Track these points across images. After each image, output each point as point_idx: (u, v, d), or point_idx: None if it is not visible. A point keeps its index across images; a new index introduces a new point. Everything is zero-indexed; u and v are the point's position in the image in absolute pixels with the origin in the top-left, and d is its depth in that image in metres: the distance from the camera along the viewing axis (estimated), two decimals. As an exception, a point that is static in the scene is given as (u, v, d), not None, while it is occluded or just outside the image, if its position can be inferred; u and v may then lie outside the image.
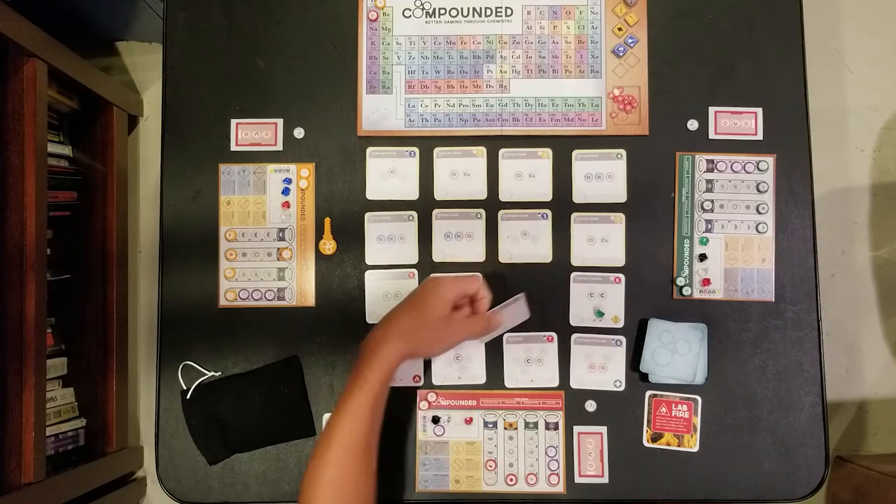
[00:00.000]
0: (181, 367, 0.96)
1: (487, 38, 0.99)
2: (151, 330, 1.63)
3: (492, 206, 0.97)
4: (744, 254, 0.96)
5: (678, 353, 0.92)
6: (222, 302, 0.97)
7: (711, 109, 0.97)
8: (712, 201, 0.96)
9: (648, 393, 0.94)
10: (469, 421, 0.95)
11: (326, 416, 0.95)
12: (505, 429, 0.95)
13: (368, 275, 0.97)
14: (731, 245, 0.96)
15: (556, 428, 0.95)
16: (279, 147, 0.99)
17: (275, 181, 0.98)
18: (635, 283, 0.96)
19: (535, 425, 0.95)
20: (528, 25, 0.99)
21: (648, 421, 0.94)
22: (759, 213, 0.96)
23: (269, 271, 0.98)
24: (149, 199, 1.69)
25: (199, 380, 0.96)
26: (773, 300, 0.95)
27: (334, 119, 0.99)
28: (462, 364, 0.96)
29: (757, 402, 0.94)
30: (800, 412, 0.94)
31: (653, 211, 0.97)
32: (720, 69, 0.98)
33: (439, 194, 0.98)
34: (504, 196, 0.97)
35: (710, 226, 0.96)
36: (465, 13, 1.00)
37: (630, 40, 0.99)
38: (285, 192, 0.98)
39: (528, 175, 0.97)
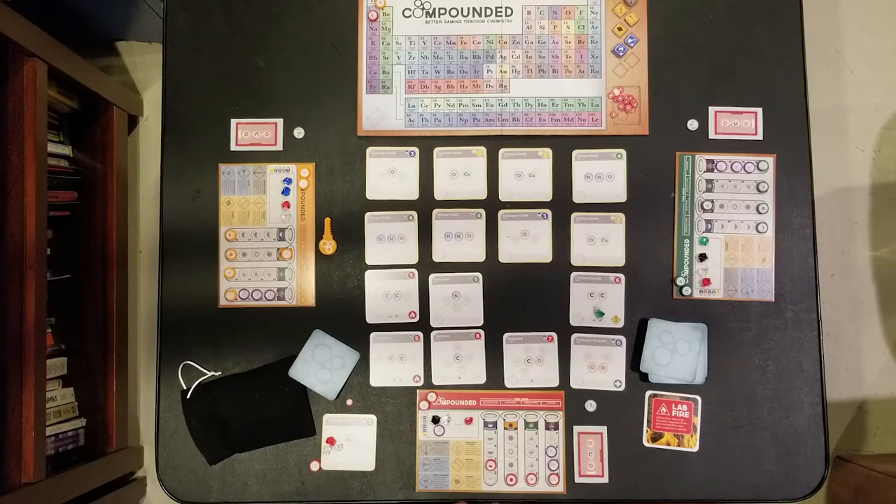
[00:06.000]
0: (181, 366, 0.96)
1: (487, 38, 0.99)
2: (151, 330, 1.63)
3: (492, 206, 0.97)
4: (744, 254, 0.96)
5: (678, 353, 0.92)
6: (222, 302, 0.97)
7: (711, 109, 0.97)
8: (712, 201, 0.96)
9: (648, 393, 0.94)
10: (469, 421, 0.95)
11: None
12: (505, 429, 0.95)
13: (368, 275, 0.97)
14: (731, 245, 0.96)
15: (556, 428, 0.95)
16: (279, 147, 0.99)
17: (275, 181, 0.98)
18: (635, 283, 0.96)
19: (535, 425, 0.95)
20: (528, 25, 0.99)
21: (648, 421, 0.94)
22: (759, 212, 0.96)
23: (269, 271, 0.98)
24: (149, 199, 1.69)
25: (199, 380, 0.96)
26: (773, 300, 0.95)
27: (334, 119, 0.99)
28: (462, 364, 0.96)
29: (757, 402, 0.94)
30: (800, 412, 0.94)
31: (653, 211, 0.97)
32: (720, 69, 0.98)
33: (439, 194, 0.98)
34: (504, 196, 0.97)
35: (710, 226, 0.96)
36: (465, 13, 1.00)
37: (630, 40, 0.99)
38: (285, 192, 0.98)
39: (528, 175, 0.97)
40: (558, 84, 0.99)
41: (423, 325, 0.96)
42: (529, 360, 0.96)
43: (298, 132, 0.99)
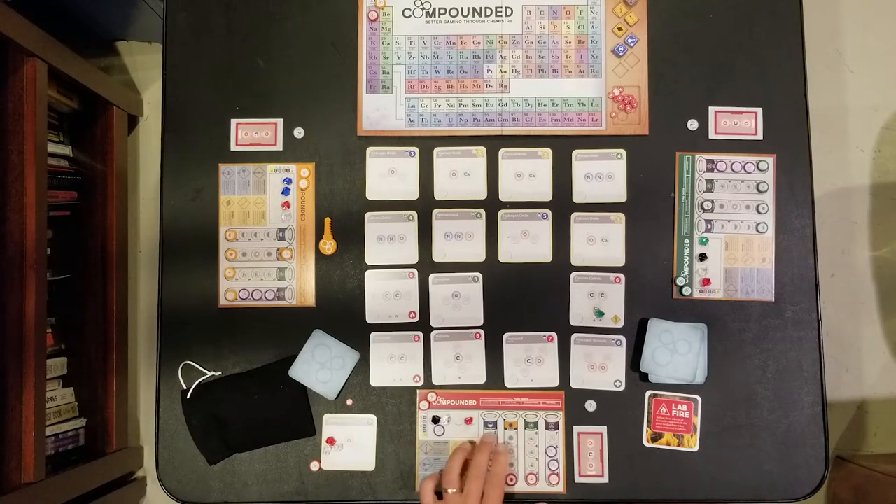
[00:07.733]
0: (181, 366, 0.96)
1: (487, 37, 0.99)
2: (151, 330, 1.63)
3: (492, 205, 0.97)
4: (744, 254, 0.96)
5: (678, 352, 0.92)
6: (222, 302, 0.97)
7: (711, 109, 0.97)
8: (712, 201, 0.96)
9: (648, 393, 0.94)
10: (469, 421, 0.95)
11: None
12: (505, 429, 0.95)
13: (368, 275, 0.97)
14: (731, 245, 0.96)
15: (556, 428, 0.95)
16: (279, 147, 0.99)
17: (275, 181, 0.98)
18: (635, 283, 0.96)
19: (535, 425, 0.95)
20: (528, 25, 0.99)
21: (648, 421, 0.94)
22: (759, 212, 0.96)
23: (269, 271, 0.98)
24: (149, 199, 1.69)
25: (199, 380, 0.96)
26: (773, 300, 0.95)
27: (334, 119, 0.99)
28: (462, 364, 0.96)
29: (757, 402, 0.94)
30: (800, 412, 0.94)
31: (653, 211, 0.96)
32: (720, 69, 0.98)
33: (439, 194, 0.98)
34: (504, 196, 0.97)
35: (709, 226, 0.96)
36: (465, 13, 1.00)
37: (630, 40, 0.99)
38: (285, 191, 0.98)
39: (528, 175, 0.97)
40: (558, 84, 0.99)
41: (423, 325, 0.96)
42: (529, 360, 0.96)
43: (298, 132, 0.99)
